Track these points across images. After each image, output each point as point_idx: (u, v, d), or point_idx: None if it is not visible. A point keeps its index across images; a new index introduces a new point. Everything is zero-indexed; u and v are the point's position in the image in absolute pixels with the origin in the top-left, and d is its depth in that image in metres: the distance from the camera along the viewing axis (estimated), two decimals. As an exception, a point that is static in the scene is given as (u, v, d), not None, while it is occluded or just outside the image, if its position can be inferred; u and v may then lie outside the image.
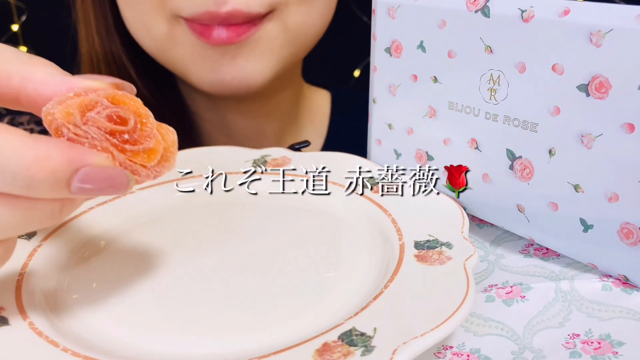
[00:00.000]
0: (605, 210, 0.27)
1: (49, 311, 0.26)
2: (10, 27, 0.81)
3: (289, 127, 0.57)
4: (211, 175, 0.37)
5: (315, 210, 0.34)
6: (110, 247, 0.32)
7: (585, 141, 0.27)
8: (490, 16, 0.29)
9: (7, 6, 0.80)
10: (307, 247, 0.31)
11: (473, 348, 0.25)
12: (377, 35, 0.36)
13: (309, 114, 0.59)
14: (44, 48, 0.42)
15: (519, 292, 0.28)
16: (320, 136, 0.59)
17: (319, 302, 0.26)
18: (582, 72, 0.26)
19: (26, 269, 0.28)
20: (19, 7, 0.81)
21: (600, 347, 0.25)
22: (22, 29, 0.82)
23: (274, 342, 0.23)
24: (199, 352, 0.24)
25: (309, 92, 0.60)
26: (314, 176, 0.36)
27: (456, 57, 0.31)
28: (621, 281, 0.28)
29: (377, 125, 0.38)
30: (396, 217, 0.31)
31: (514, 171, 0.30)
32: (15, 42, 0.82)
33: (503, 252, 0.32)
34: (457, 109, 0.32)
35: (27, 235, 0.31)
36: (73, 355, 0.22)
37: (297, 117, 0.58)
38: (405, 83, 0.35)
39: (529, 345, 0.25)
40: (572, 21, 0.26)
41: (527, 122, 0.29)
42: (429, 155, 0.34)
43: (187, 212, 0.35)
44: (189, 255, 0.31)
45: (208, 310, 0.26)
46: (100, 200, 0.34)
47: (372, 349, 0.21)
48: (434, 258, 0.27)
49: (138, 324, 0.26)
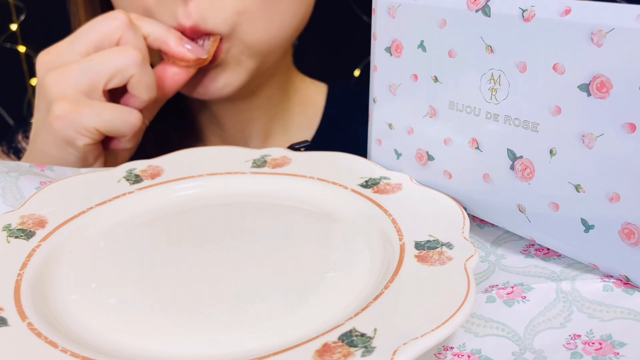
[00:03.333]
0: (606, 210, 0.27)
1: (48, 312, 0.26)
2: (9, 27, 0.81)
3: (278, 118, 0.59)
4: (211, 176, 0.37)
5: (315, 210, 0.34)
6: (109, 247, 0.32)
7: (587, 141, 0.26)
8: (491, 15, 0.29)
9: (6, 6, 0.80)
10: (307, 247, 0.31)
11: (474, 349, 0.25)
12: (378, 34, 0.35)
13: (300, 106, 0.61)
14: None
15: (520, 293, 0.28)
16: (311, 128, 0.61)
17: (319, 303, 0.26)
18: (583, 72, 0.26)
19: (25, 269, 0.28)
20: (17, 6, 0.81)
21: (602, 348, 0.24)
22: (21, 28, 0.82)
23: (274, 342, 0.23)
24: (198, 353, 0.24)
25: (303, 85, 0.62)
26: (314, 176, 0.36)
27: (457, 56, 0.31)
28: (622, 282, 0.27)
29: (378, 125, 0.37)
30: (396, 217, 0.31)
31: (514, 171, 0.30)
32: (14, 42, 0.82)
33: (504, 252, 0.32)
34: (457, 109, 0.32)
35: (26, 235, 0.31)
36: (72, 356, 0.22)
37: (288, 109, 0.60)
38: (406, 83, 0.34)
39: (530, 346, 0.25)
40: (573, 20, 0.26)
41: (528, 122, 0.29)
42: (430, 155, 0.34)
43: (186, 212, 0.35)
44: (188, 255, 0.30)
45: (207, 310, 0.26)
46: (100, 200, 0.34)
47: (373, 349, 0.21)
48: (434, 258, 0.27)
49: (137, 324, 0.26)
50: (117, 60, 0.40)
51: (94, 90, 0.40)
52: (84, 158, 0.42)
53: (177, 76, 0.45)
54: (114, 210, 0.34)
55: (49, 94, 0.40)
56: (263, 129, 0.59)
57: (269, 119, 0.58)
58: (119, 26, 0.41)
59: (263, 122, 0.58)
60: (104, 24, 0.41)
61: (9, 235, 0.30)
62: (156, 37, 0.43)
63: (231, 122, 0.57)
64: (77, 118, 0.40)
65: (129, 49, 0.41)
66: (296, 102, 0.61)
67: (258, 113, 0.57)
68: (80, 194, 0.35)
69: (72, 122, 0.40)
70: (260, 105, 0.57)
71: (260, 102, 0.57)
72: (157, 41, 0.43)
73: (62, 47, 0.42)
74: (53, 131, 0.40)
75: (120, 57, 0.40)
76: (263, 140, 0.59)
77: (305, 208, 0.35)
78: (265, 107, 0.58)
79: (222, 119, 0.57)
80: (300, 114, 0.61)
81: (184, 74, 0.45)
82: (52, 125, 0.40)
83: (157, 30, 0.43)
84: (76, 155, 0.42)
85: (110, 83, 0.41)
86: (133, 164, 0.38)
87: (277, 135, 0.59)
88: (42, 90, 0.41)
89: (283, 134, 0.60)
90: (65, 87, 0.40)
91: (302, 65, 0.64)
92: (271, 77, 0.56)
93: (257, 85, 0.54)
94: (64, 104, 0.40)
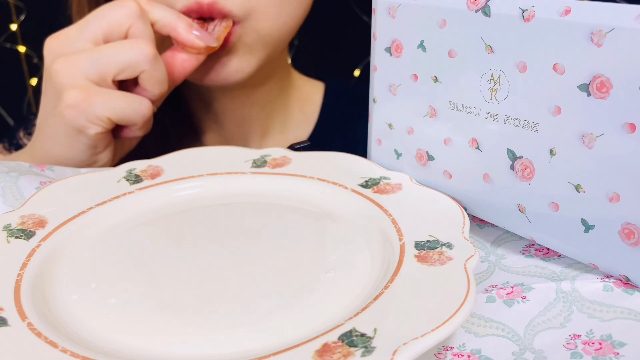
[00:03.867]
0: (606, 210, 0.27)
1: (47, 312, 0.26)
2: (9, 27, 0.81)
3: (276, 115, 0.59)
4: (211, 176, 0.37)
5: (315, 210, 0.34)
6: (109, 247, 0.32)
7: (587, 141, 0.26)
8: (491, 15, 0.29)
9: (6, 6, 0.80)
10: (307, 247, 0.31)
11: (474, 349, 0.25)
12: (378, 34, 0.35)
13: (298, 103, 0.62)
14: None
15: (520, 293, 0.28)
16: (309, 125, 0.61)
17: (319, 303, 0.26)
18: (583, 72, 0.26)
19: (25, 269, 0.28)
20: (17, 6, 0.81)
21: (602, 348, 0.24)
22: (21, 28, 0.82)
23: (274, 342, 0.23)
24: (198, 353, 0.24)
25: (300, 82, 0.63)
26: (314, 176, 0.36)
27: (457, 56, 0.31)
28: (622, 282, 0.27)
29: (378, 125, 0.37)
30: (396, 217, 0.31)
31: (514, 171, 0.30)
32: (14, 42, 0.82)
33: (504, 252, 0.32)
34: (457, 109, 0.32)
35: (26, 235, 0.31)
36: (72, 356, 0.22)
37: (286, 106, 0.60)
38: (406, 83, 0.34)
39: (530, 346, 0.25)
40: (573, 20, 0.26)
41: (528, 122, 0.29)
42: (430, 155, 0.34)
43: (186, 212, 0.35)
44: (188, 255, 0.30)
45: (207, 310, 0.26)
46: (100, 200, 0.34)
47: (373, 349, 0.21)
48: (434, 258, 0.27)
49: (137, 324, 0.26)
50: (128, 54, 0.40)
51: (104, 80, 0.40)
52: (94, 146, 0.42)
53: (187, 62, 0.45)
54: (114, 210, 0.34)
55: (59, 81, 0.40)
56: (261, 126, 0.59)
57: (267, 115, 0.59)
58: (129, 14, 0.41)
59: (261, 119, 0.58)
60: (114, 12, 0.41)
61: (9, 235, 0.30)
62: (165, 24, 0.43)
63: (230, 118, 0.58)
64: (89, 107, 0.40)
65: (141, 44, 0.41)
66: (294, 99, 0.61)
67: (256, 109, 0.58)
68: (80, 194, 0.35)
69: (84, 111, 0.40)
70: (259, 100, 0.57)
71: (258, 97, 0.57)
72: (166, 27, 0.43)
73: (70, 33, 0.42)
74: (64, 119, 0.40)
75: (132, 52, 0.40)
76: (261, 137, 0.59)
77: (305, 208, 0.35)
78: (264, 103, 0.58)
79: (221, 115, 0.58)
80: (298, 111, 0.61)
81: (193, 61, 0.45)
82: (63, 114, 0.40)
83: (167, 17, 0.43)
84: (86, 144, 0.42)
85: (120, 75, 0.41)
86: (133, 164, 0.38)
87: (275, 132, 0.60)
88: (50, 77, 0.41)
89: (281, 130, 0.60)
90: (74, 75, 0.40)
91: (303, 65, 0.64)
92: (270, 71, 0.56)
93: (256, 81, 0.54)
94: (75, 92, 0.39)
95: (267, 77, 0.56)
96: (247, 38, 0.47)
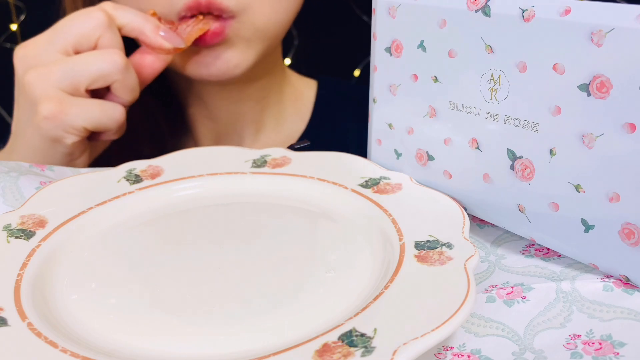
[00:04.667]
0: (606, 210, 0.27)
1: (47, 312, 0.26)
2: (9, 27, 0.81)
3: (270, 110, 0.60)
4: (211, 176, 0.37)
5: (315, 210, 0.34)
6: (109, 247, 0.32)
7: (587, 141, 0.26)
8: (491, 15, 0.29)
9: (6, 6, 0.80)
10: (307, 247, 0.31)
11: (474, 349, 0.25)
12: (378, 34, 0.35)
13: (291, 99, 0.62)
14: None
15: (520, 293, 0.28)
16: (303, 120, 0.62)
17: (318, 302, 0.26)
18: (583, 72, 0.26)
19: (25, 269, 0.28)
20: (17, 6, 0.81)
21: (602, 348, 0.24)
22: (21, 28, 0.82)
23: (274, 342, 0.23)
24: (198, 353, 0.24)
25: (293, 79, 0.64)
26: (314, 176, 0.36)
27: (457, 56, 0.31)
28: (622, 282, 0.27)
29: (377, 125, 0.37)
30: (396, 217, 0.31)
31: (514, 171, 0.30)
32: (14, 42, 0.82)
33: (504, 252, 0.32)
34: (457, 109, 0.32)
35: (26, 235, 0.31)
36: (72, 356, 0.22)
37: (279, 101, 0.61)
38: (406, 83, 0.34)
39: (530, 346, 0.25)
40: (573, 20, 0.26)
41: (527, 122, 0.29)
42: (430, 155, 0.34)
43: (186, 212, 0.35)
44: (188, 255, 0.30)
45: (207, 310, 0.26)
46: (99, 200, 0.34)
47: (372, 349, 0.21)
48: (434, 258, 0.27)
49: (137, 324, 0.26)
50: (100, 65, 0.41)
51: (77, 90, 0.41)
52: (70, 153, 0.43)
53: (155, 63, 0.45)
54: (114, 210, 0.34)
55: (32, 93, 0.40)
56: (255, 121, 0.59)
57: (261, 110, 0.59)
58: (97, 25, 0.41)
59: (255, 114, 0.59)
60: (83, 23, 0.42)
61: (9, 235, 0.30)
62: (133, 27, 0.43)
63: (223, 114, 0.58)
64: (65, 118, 0.40)
65: (112, 55, 0.41)
66: (287, 95, 0.62)
67: (250, 104, 0.58)
68: (80, 194, 0.35)
69: (61, 122, 0.40)
70: (253, 95, 0.58)
71: (253, 92, 0.57)
72: (134, 31, 0.43)
73: (39, 43, 0.42)
74: (41, 131, 0.41)
75: (104, 63, 0.41)
76: (255, 133, 0.59)
77: (305, 208, 0.35)
78: (258, 98, 0.58)
79: (215, 110, 0.58)
80: (292, 107, 0.62)
81: (162, 61, 0.45)
82: (40, 126, 0.40)
83: (133, 21, 0.43)
84: (63, 152, 0.43)
85: (93, 86, 0.41)
86: (133, 164, 0.38)
87: (269, 128, 0.60)
88: (23, 88, 0.41)
89: (275, 126, 0.60)
90: (48, 87, 0.40)
91: (303, 65, 0.64)
92: (264, 66, 0.56)
93: (250, 76, 0.54)
94: (50, 104, 0.40)
95: (261, 72, 0.57)
96: (245, 32, 0.48)
